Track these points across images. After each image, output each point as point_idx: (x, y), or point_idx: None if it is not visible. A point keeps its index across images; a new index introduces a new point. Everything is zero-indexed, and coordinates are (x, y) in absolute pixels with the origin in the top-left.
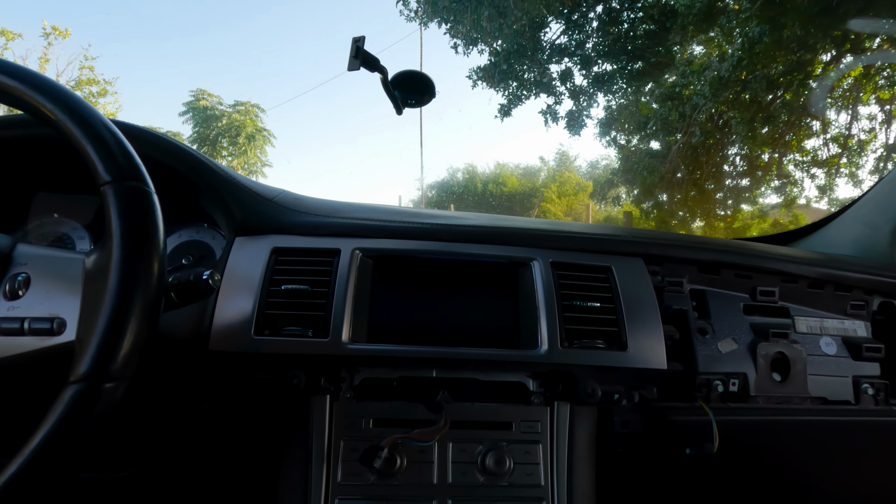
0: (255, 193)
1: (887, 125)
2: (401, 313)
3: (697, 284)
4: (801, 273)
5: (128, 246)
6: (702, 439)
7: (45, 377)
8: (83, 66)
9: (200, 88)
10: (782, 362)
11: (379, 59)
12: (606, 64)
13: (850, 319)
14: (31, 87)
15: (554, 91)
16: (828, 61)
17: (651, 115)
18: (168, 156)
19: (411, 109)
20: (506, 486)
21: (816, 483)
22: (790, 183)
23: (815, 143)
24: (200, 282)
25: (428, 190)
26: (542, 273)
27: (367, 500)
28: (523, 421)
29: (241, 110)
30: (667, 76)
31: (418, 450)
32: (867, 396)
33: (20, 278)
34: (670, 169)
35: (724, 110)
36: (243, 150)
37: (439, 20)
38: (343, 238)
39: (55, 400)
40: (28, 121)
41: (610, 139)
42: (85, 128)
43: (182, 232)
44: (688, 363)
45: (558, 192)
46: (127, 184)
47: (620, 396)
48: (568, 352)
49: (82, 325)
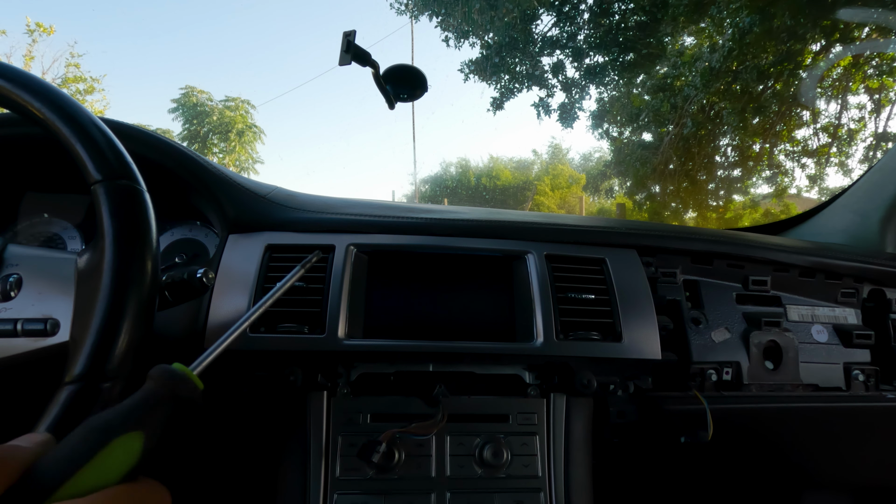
0: (247, 190)
1: (876, 114)
2: (396, 308)
3: (690, 275)
4: (793, 262)
5: (120, 245)
6: (696, 428)
7: (40, 378)
8: (69, 64)
9: (189, 85)
10: (775, 350)
11: (370, 54)
12: (598, 56)
13: (840, 307)
14: (18, 86)
15: (546, 84)
16: (817, 51)
17: (643, 107)
18: (159, 153)
19: (403, 104)
20: (503, 478)
21: (809, 468)
22: (781, 173)
23: (806, 132)
24: (195, 280)
25: (421, 184)
26: (537, 266)
27: (366, 495)
28: (520, 413)
29: (232, 106)
30: (658, 67)
31: (416, 443)
32: (858, 382)
33: (12, 279)
34: (662, 160)
35: (716, 101)
36: (234, 146)
37: (430, 13)
38: (337, 234)
39: (51, 401)
40: (16, 120)
41: (602, 131)
42: (74, 126)
43: (175, 230)
44: (682, 353)
45: (551, 184)
46: (118, 182)
47: (616, 387)
48: (563, 344)
49: (76, 325)
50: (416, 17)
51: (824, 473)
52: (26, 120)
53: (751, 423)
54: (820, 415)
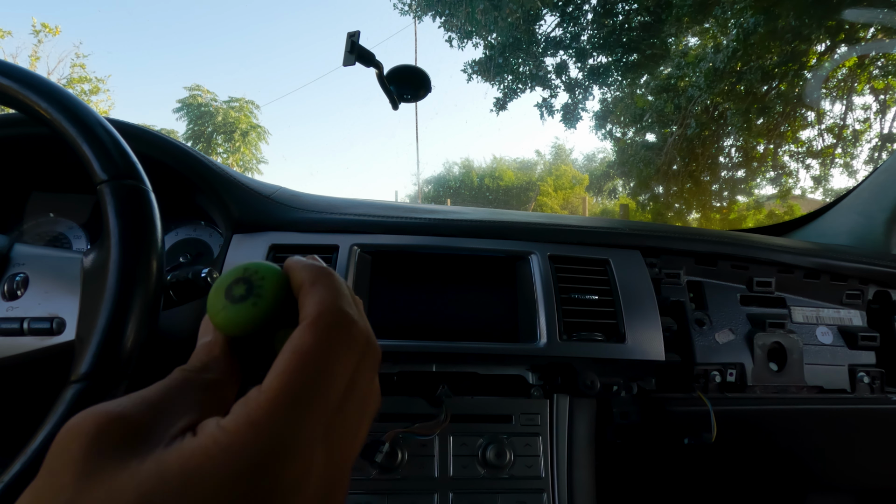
0: (251, 190)
1: (882, 115)
2: (400, 308)
3: (694, 276)
4: (797, 263)
5: (126, 245)
6: (700, 429)
7: (46, 377)
8: (75, 64)
9: (195, 84)
10: (779, 352)
11: (374, 54)
12: (602, 56)
13: (845, 309)
14: (25, 86)
15: (549, 84)
16: (822, 51)
17: (647, 108)
18: (164, 154)
19: (407, 104)
20: (506, 479)
21: (814, 470)
22: (785, 174)
23: (810, 133)
24: (199, 279)
25: (424, 185)
26: (541, 266)
27: (369, 494)
28: (523, 414)
29: (236, 107)
30: (662, 68)
31: (419, 444)
32: (863, 385)
33: (18, 278)
34: (666, 161)
35: (720, 101)
36: (238, 146)
37: (434, 13)
38: (341, 234)
39: (57, 399)
40: (22, 120)
41: (606, 132)
42: (80, 126)
43: (179, 230)
44: (685, 354)
45: (555, 185)
46: (124, 182)
47: (619, 388)
48: (567, 344)
49: (82, 324)
50: (419, 18)
51: (829, 475)
52: (33, 120)
53: (755, 425)
54: (825, 417)
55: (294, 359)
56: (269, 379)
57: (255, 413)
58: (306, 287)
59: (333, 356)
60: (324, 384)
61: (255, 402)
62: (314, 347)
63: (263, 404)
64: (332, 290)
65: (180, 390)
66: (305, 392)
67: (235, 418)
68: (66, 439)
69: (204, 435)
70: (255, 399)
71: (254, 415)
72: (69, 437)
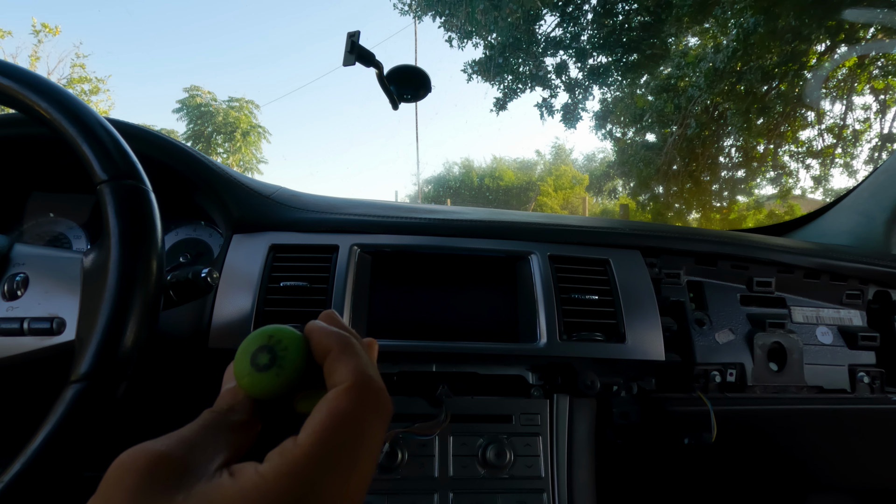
0: (251, 190)
1: (882, 115)
2: (400, 308)
3: (694, 276)
4: (797, 263)
5: (126, 245)
6: (700, 429)
7: (46, 377)
8: (75, 64)
9: (194, 85)
10: (779, 352)
11: (374, 54)
12: (602, 56)
13: (845, 309)
14: (25, 86)
15: (549, 84)
16: (822, 51)
17: (646, 108)
18: (164, 154)
19: (407, 104)
20: (506, 479)
21: (814, 470)
22: (785, 174)
23: (811, 133)
24: (199, 279)
25: (424, 185)
26: (541, 266)
27: (369, 494)
28: (523, 414)
29: (236, 107)
30: (662, 68)
31: (419, 444)
32: (863, 385)
33: (18, 278)
34: (666, 161)
35: (720, 101)
36: (238, 146)
37: (433, 13)
38: (341, 234)
39: (57, 399)
40: (22, 120)
41: (606, 132)
42: (80, 126)
43: (179, 230)
44: (685, 354)
45: (555, 185)
46: (124, 182)
47: (619, 388)
48: (567, 344)
49: (82, 324)
50: (419, 18)
51: (829, 475)
52: (33, 120)
53: (755, 425)
54: (825, 417)
55: (330, 419)
56: (305, 434)
57: (292, 464)
58: (335, 353)
59: (366, 421)
60: (355, 445)
61: (292, 454)
62: (349, 411)
63: (300, 458)
64: (363, 358)
65: (212, 431)
66: (338, 450)
67: (272, 466)
68: (121, 473)
69: (244, 478)
70: (292, 451)
71: (290, 466)
72: (123, 470)
